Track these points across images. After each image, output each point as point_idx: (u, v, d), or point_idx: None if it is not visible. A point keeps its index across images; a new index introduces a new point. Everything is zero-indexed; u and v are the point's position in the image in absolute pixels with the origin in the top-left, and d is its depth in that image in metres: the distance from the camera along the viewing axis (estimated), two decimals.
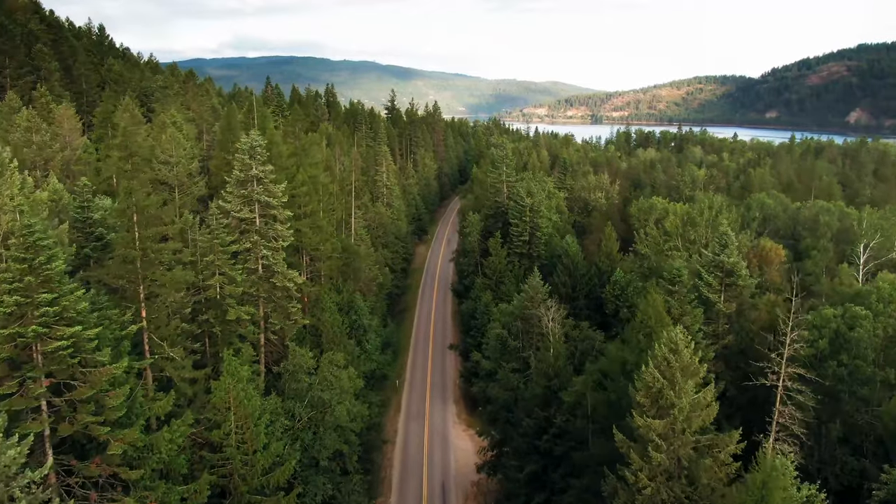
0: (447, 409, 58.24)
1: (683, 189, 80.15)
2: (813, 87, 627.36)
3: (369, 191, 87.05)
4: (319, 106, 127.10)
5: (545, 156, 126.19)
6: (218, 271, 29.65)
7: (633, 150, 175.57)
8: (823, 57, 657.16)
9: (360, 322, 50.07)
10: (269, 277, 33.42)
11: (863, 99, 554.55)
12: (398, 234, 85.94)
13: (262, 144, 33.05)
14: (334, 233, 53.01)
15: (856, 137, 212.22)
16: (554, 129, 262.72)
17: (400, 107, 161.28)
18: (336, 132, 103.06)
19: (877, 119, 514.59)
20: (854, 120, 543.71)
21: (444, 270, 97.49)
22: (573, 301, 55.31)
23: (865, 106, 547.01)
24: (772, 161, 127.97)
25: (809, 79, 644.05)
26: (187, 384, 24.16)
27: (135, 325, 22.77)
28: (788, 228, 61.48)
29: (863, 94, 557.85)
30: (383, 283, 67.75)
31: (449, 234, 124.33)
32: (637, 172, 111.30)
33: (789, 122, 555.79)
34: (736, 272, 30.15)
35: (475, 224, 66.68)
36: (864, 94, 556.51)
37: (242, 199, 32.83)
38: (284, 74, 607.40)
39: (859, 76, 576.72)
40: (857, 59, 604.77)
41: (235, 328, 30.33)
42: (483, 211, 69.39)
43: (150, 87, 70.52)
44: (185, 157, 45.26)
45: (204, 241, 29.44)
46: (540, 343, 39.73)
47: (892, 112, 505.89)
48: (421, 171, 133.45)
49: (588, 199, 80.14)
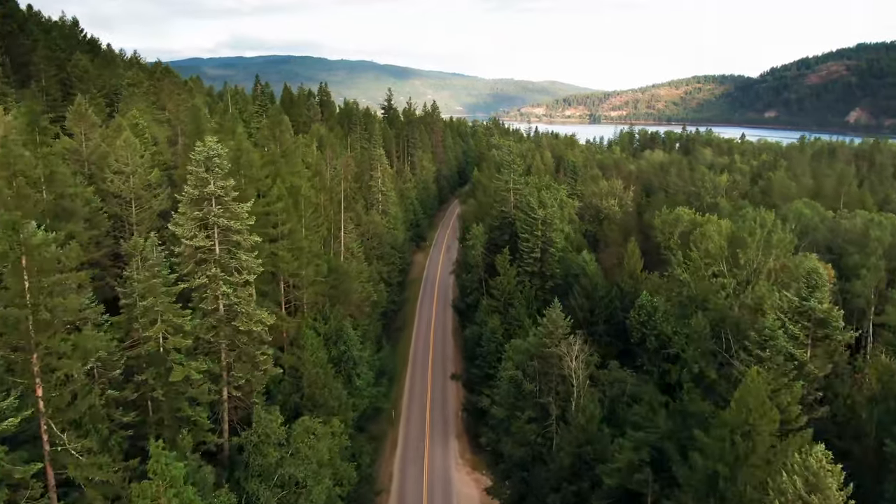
0: (449, 447, 51.58)
1: (704, 196, 73.68)
2: (812, 86, 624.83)
3: (363, 197, 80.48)
4: (312, 105, 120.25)
5: (549, 158, 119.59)
6: (160, 318, 23.02)
7: (639, 152, 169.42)
8: (822, 56, 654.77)
9: (350, 354, 43.58)
10: (231, 320, 26.80)
11: (862, 98, 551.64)
12: (395, 244, 79.36)
13: (222, 153, 26.41)
14: (321, 250, 46.53)
15: (856, 137, 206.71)
16: (553, 129, 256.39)
17: (397, 106, 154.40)
18: (329, 134, 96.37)
19: (877, 119, 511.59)
20: (854, 119, 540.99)
21: (443, 281, 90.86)
22: (591, 326, 48.83)
23: (865, 105, 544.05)
24: (787, 163, 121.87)
25: (809, 78, 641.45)
26: (98, 490, 17.52)
27: (27, 411, 16.25)
28: (827, 241, 55.16)
29: (862, 94, 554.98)
30: (378, 301, 61.19)
31: (449, 240, 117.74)
32: (648, 176, 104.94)
33: (789, 122, 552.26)
34: (830, 322, 23.64)
35: (478, 236, 60.10)
36: (864, 94, 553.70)
37: (197, 223, 26.19)
38: (282, 74, 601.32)
39: (858, 76, 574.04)
40: (857, 59, 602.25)
41: (185, 389, 23.71)
42: (487, 221, 62.76)
43: (118, 84, 63.66)
44: (144, 166, 38.56)
45: (141, 280, 22.82)
46: (561, 387, 33.39)
47: (891, 111, 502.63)
48: (419, 174, 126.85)
49: (600, 206, 73.73)
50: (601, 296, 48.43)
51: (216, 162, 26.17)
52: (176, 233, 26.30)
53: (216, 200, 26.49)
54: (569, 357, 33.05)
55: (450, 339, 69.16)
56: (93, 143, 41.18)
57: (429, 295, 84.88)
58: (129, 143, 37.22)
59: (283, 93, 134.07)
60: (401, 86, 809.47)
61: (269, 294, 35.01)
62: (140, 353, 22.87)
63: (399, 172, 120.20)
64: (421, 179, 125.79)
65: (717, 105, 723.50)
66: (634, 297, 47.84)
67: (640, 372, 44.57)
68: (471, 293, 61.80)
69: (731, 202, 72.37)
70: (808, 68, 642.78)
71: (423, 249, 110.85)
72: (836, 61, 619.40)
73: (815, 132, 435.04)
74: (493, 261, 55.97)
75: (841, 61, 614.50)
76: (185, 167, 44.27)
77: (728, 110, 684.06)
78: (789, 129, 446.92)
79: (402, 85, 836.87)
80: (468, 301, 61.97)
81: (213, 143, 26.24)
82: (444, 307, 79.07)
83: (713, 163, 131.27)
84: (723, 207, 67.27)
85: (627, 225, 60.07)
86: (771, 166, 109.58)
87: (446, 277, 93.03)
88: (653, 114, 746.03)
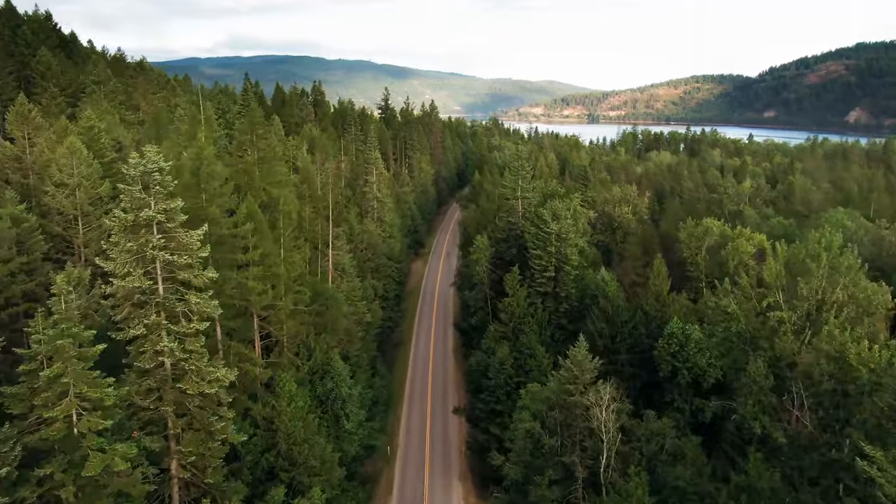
0: (451, 489, 45.66)
1: (727, 203, 67.92)
2: (811, 86, 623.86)
3: (357, 204, 74.61)
4: (304, 105, 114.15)
5: (553, 160, 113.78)
6: (71, 391, 17.15)
7: (643, 153, 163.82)
8: (821, 56, 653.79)
9: (339, 392, 37.77)
10: (178, 380, 20.91)
11: (862, 98, 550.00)
12: (391, 254, 73.42)
13: (165, 167, 20.53)
14: (305, 271, 40.69)
15: (858, 137, 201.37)
16: (552, 129, 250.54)
17: (395, 106, 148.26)
18: (321, 135, 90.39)
19: (877, 118, 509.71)
20: (854, 119, 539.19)
21: (443, 293, 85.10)
22: (613, 354, 43.03)
23: (865, 105, 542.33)
24: (801, 166, 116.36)
25: (808, 78, 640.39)
26: None
27: None
28: (872, 257, 49.46)
29: (862, 94, 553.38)
30: (372, 322, 55.36)
31: (448, 246, 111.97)
32: (658, 180, 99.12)
33: (788, 122, 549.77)
34: None
35: (483, 249, 54.09)
36: (864, 94, 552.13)
37: (132, 256, 20.29)
38: (280, 74, 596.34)
39: (858, 75, 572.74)
40: (856, 58, 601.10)
41: (107, 482, 17.82)
42: (491, 231, 56.80)
43: (85, 81, 57.59)
44: (93, 177, 32.63)
45: (45, 339, 16.96)
46: (588, 442, 27.73)
47: (892, 111, 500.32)
48: (417, 177, 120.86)
49: (613, 214, 67.94)
50: (623, 320, 42.69)
51: (157, 178, 20.27)
52: (106, 269, 20.40)
53: (157, 227, 20.59)
54: (597, 407, 27.39)
55: (451, 361, 63.29)
56: (37, 150, 35.24)
57: (428, 308, 79.03)
58: (73, 149, 31.26)
59: (275, 92, 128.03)
60: (399, 85, 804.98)
61: (239, 331, 29.16)
62: (41, 438, 16.98)
63: (396, 176, 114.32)
64: (419, 183, 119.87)
65: (715, 105, 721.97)
66: (661, 322, 42.13)
67: (671, 409, 38.94)
68: (475, 313, 55.93)
69: (756, 210, 66.72)
70: (807, 68, 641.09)
71: (422, 256, 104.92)
72: (835, 61, 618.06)
73: (815, 132, 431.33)
74: (500, 277, 50.17)
75: (840, 61, 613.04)
76: None
77: (727, 110, 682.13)
78: (789, 128, 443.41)
79: (400, 85, 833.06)
80: (472, 322, 56.12)
81: (154, 155, 20.33)
82: (444, 323, 73.21)
83: (723, 164, 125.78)
84: (748, 217, 61.77)
85: (647, 237, 54.28)
86: (787, 169, 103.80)
87: (446, 289, 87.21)
88: (651, 114, 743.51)
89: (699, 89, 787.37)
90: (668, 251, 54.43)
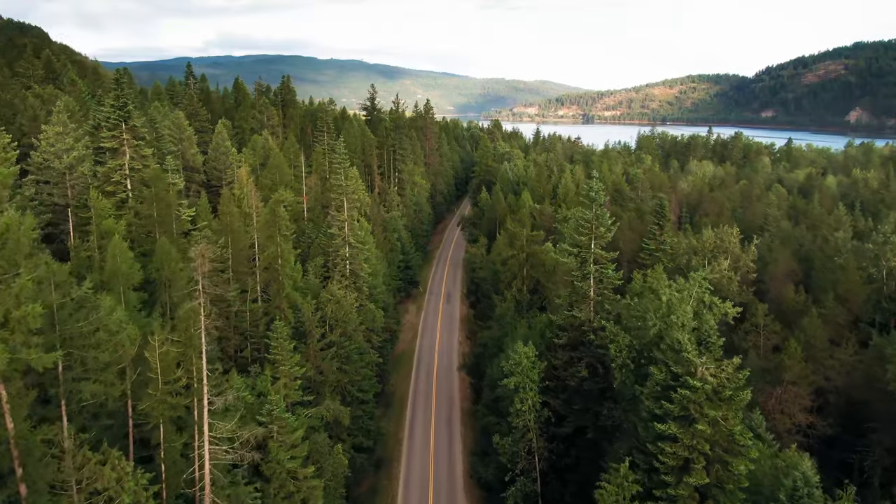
0: None
1: (890, 258, 44.89)
2: (810, 85, 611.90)
3: (324, 251, 51.10)
4: (264, 107, 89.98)
5: (581, 175, 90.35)
6: None
7: (670, 159, 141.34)
8: (819, 55, 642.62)
9: None
10: None
11: (862, 98, 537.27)
12: (371, 324, 49.70)
13: None
14: None
15: (864, 139, 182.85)
16: (551, 130, 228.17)
17: (383, 107, 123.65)
18: (278, 151, 66.72)
19: (878, 118, 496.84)
20: (854, 119, 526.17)
21: (445, 364, 61.88)
22: None
23: (865, 105, 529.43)
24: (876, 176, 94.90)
25: (806, 77, 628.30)
26: None
27: None
28: None
29: (861, 93, 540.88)
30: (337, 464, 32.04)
31: (448, 282, 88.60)
32: (717, 204, 76.44)
33: (787, 122, 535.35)
34: None
35: (526, 367, 29.09)
36: (863, 93, 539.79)
37: None
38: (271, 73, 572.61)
39: (857, 75, 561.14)
40: (854, 58, 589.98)
41: None
42: (542, 330, 32.92)
43: None
44: None
45: None
46: None
47: (893, 111, 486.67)
48: (409, 195, 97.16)
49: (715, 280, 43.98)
50: None
51: None
52: None
53: None
54: None
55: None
56: None
57: (423, 398, 55.21)
58: None
59: (233, 90, 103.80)
60: (391, 85, 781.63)
61: None
62: None
63: (382, 195, 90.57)
64: (412, 202, 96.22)
65: (712, 104, 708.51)
66: None
67: None
68: (511, 481, 31.28)
69: None
70: (805, 67, 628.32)
71: (416, 299, 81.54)
72: (834, 60, 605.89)
73: (815, 132, 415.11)
74: (557, 417, 26.70)
75: (838, 60, 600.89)
76: None
77: (724, 110, 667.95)
78: (788, 128, 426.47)
79: (392, 84, 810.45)
80: (513, 485, 31.40)
81: None
82: (449, 427, 49.76)
83: (781, 178, 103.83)
84: None
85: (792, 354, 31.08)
86: (884, 186, 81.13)
87: (448, 354, 64.04)
88: (647, 113, 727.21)
89: (695, 89, 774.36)
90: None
